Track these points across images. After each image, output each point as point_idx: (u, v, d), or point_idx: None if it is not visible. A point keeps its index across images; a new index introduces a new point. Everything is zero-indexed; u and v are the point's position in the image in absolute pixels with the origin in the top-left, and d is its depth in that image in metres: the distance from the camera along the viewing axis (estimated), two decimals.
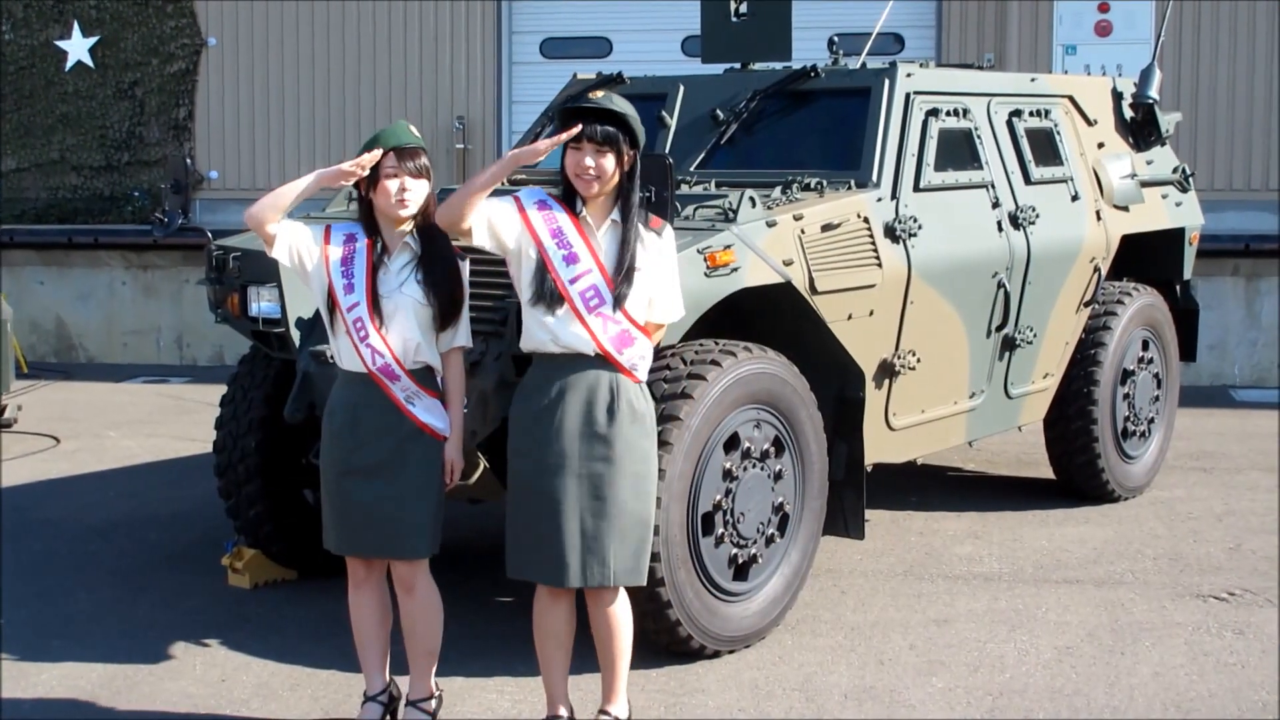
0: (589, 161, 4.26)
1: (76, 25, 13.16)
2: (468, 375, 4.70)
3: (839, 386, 5.85)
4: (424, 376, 4.46)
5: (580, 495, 4.27)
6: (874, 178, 6.03)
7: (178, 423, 9.95)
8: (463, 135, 12.58)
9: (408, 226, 4.46)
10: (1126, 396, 7.45)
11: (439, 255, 4.45)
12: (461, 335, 4.53)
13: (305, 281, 4.57)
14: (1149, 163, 7.79)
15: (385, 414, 4.41)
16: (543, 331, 4.31)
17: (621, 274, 4.26)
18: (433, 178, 4.49)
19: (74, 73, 13.22)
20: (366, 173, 4.41)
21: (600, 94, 4.34)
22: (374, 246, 4.46)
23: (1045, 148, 7.04)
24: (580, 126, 4.24)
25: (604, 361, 4.28)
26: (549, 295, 4.26)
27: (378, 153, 4.40)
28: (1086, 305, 7.20)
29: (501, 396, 4.92)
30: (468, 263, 4.56)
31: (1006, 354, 6.73)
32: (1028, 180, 6.81)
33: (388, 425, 4.41)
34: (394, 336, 4.40)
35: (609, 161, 4.26)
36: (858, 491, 5.85)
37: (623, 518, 4.28)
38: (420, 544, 4.49)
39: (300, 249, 4.44)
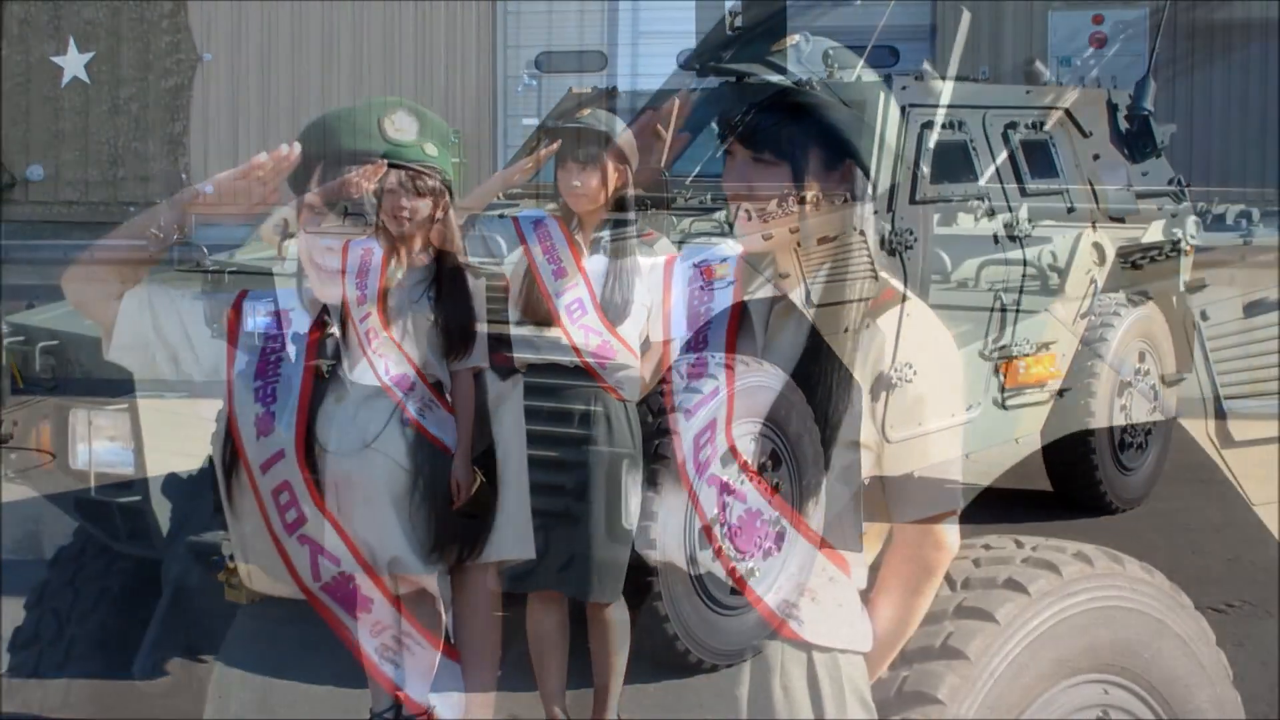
0: (576, 181, 4.26)
1: (72, 41, 13.18)
2: None
3: (835, 399, 5.84)
4: (437, 389, 4.45)
5: (541, 504, 4.27)
6: (870, 190, 6.01)
7: (173, 437, 9.89)
8: (458, 150, 12.56)
9: (420, 244, 4.44)
10: (1124, 408, 7.43)
11: (453, 282, 4.42)
12: (476, 355, 4.50)
13: (319, 295, 4.55)
14: (1144, 174, 7.78)
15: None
16: (525, 345, 4.32)
17: (607, 287, 4.26)
18: (447, 198, 4.44)
19: (70, 88, 13.22)
20: (372, 184, 4.39)
21: (586, 112, 4.37)
22: (389, 260, 4.45)
23: (1041, 160, 7.04)
24: (559, 143, 4.26)
25: (585, 375, 4.28)
26: (535, 311, 4.26)
27: (383, 164, 4.38)
28: (1083, 317, 7.18)
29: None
30: (483, 281, 4.54)
31: (1003, 366, 6.72)
32: (1023, 192, 6.81)
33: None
34: (406, 347, 4.38)
35: (595, 178, 4.26)
36: (854, 504, 5.82)
37: (582, 532, 4.27)
38: (424, 562, 4.45)
39: (311, 262, 4.44)
